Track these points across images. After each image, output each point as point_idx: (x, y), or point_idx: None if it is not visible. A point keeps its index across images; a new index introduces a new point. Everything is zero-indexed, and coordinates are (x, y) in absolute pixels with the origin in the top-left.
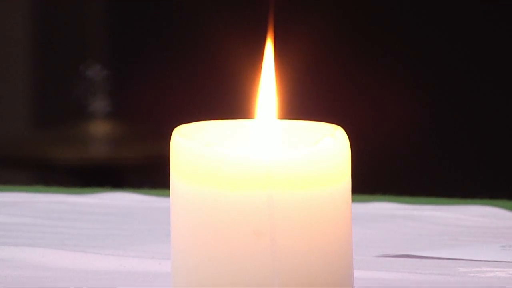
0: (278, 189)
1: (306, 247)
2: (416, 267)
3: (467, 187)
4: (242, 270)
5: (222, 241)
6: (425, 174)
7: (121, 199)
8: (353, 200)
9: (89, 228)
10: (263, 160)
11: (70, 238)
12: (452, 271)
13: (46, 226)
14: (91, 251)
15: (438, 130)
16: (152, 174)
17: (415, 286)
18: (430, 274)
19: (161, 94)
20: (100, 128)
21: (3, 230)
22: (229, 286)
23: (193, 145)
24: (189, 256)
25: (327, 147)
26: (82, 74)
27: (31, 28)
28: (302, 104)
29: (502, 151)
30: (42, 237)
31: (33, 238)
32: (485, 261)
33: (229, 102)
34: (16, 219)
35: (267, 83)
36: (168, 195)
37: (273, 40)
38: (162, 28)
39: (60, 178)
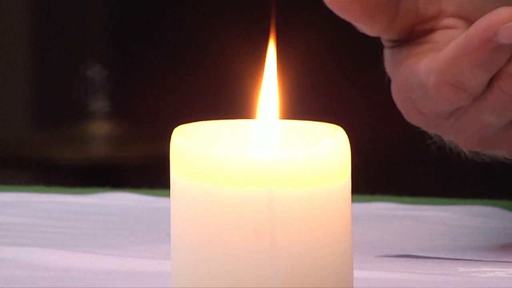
0: (278, 189)
1: (306, 247)
2: (416, 267)
3: (467, 187)
4: (242, 269)
5: (222, 240)
6: (425, 174)
7: (121, 199)
8: (353, 200)
9: (89, 228)
10: (263, 160)
11: (70, 238)
12: (452, 271)
13: (46, 226)
14: (91, 251)
15: None
16: (152, 174)
17: (415, 286)
18: (430, 274)
19: (161, 94)
20: (100, 128)
21: (3, 230)
22: (229, 286)
23: (193, 145)
24: (189, 255)
25: (327, 147)
26: (82, 74)
27: (31, 28)
28: (302, 104)
29: None
30: (42, 237)
31: (33, 238)
32: (485, 261)
33: (229, 102)
34: (16, 219)
35: (269, 83)
36: (168, 195)
37: (275, 40)
38: (162, 28)
39: (60, 178)
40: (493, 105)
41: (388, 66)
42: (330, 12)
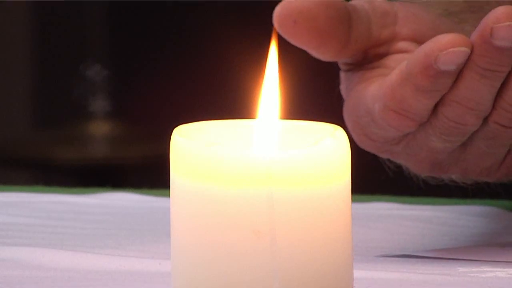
0: (278, 189)
1: (306, 247)
2: (416, 267)
3: (467, 187)
4: (242, 269)
5: (222, 240)
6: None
7: (121, 199)
8: (353, 200)
9: (89, 228)
10: (263, 160)
11: (70, 238)
12: (452, 271)
13: (46, 226)
14: (91, 251)
15: None
16: (152, 174)
17: (415, 286)
18: (430, 274)
19: (161, 94)
20: (100, 128)
21: (3, 230)
22: (229, 286)
23: (193, 145)
24: (189, 255)
25: (327, 147)
26: (82, 74)
27: (31, 28)
28: (302, 104)
29: None
30: (42, 237)
31: (33, 238)
32: (485, 261)
33: (229, 102)
34: (16, 219)
35: (269, 83)
36: (168, 195)
37: (276, 40)
38: (162, 28)
39: (60, 178)
40: (438, 131)
41: (343, 89)
42: None
